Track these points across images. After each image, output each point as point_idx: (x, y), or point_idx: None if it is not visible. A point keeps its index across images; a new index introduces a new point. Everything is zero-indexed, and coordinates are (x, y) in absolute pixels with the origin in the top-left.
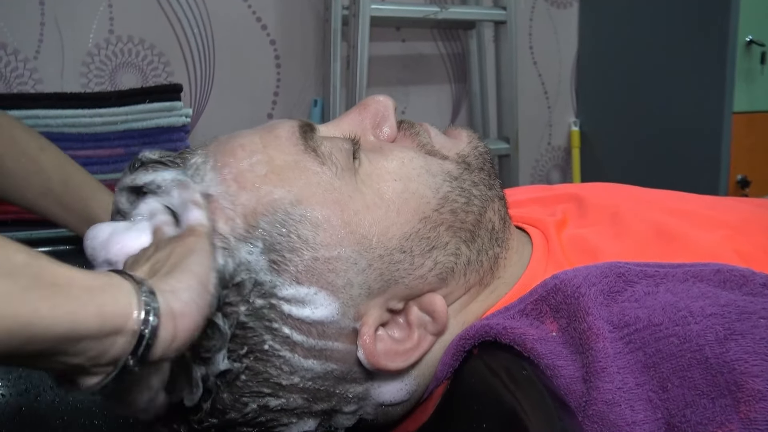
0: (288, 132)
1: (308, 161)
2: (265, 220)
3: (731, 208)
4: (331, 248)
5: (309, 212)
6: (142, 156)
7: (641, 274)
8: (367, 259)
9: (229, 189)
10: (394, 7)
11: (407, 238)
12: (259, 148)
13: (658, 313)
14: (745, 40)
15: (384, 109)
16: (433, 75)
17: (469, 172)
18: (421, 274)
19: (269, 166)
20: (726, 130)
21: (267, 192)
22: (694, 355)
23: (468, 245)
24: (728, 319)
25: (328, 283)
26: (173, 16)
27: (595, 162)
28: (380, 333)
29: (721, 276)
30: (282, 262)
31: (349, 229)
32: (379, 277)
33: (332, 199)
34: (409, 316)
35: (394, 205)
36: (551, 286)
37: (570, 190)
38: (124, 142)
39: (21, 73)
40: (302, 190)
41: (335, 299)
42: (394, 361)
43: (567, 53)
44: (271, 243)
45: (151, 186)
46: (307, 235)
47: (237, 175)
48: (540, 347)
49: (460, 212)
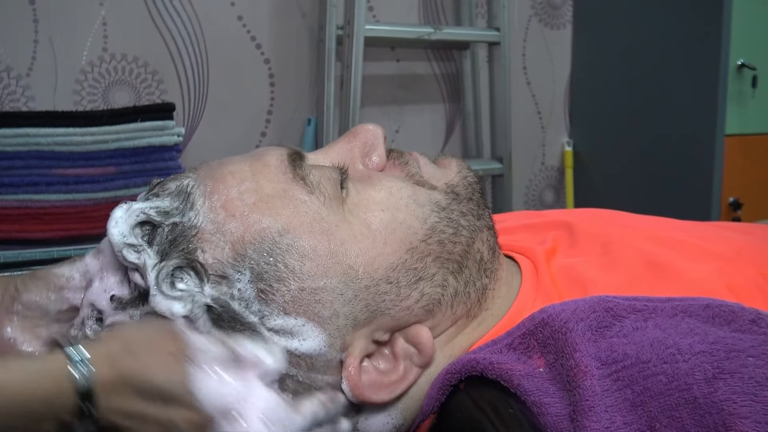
0: (277, 160)
1: (296, 190)
2: (252, 248)
3: (723, 238)
4: (318, 279)
5: (296, 241)
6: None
7: (630, 308)
8: (353, 289)
9: (217, 217)
10: (389, 27)
11: (394, 268)
12: (248, 176)
13: (647, 350)
14: (737, 64)
15: (373, 138)
16: (427, 95)
17: (457, 203)
18: (408, 305)
19: (258, 194)
20: (718, 152)
21: (255, 220)
22: (682, 394)
23: (455, 276)
24: (717, 357)
25: (314, 314)
26: (167, 34)
27: (588, 182)
28: (365, 365)
29: (711, 311)
30: (270, 292)
31: (335, 259)
32: (365, 308)
33: (319, 228)
34: (395, 348)
35: (380, 235)
36: (539, 320)
37: (560, 217)
38: (115, 160)
39: (13, 90)
40: (290, 220)
41: (322, 331)
42: (378, 393)
43: (560, 74)
44: (258, 272)
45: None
46: (294, 264)
47: (226, 202)
48: (527, 383)
49: (448, 243)
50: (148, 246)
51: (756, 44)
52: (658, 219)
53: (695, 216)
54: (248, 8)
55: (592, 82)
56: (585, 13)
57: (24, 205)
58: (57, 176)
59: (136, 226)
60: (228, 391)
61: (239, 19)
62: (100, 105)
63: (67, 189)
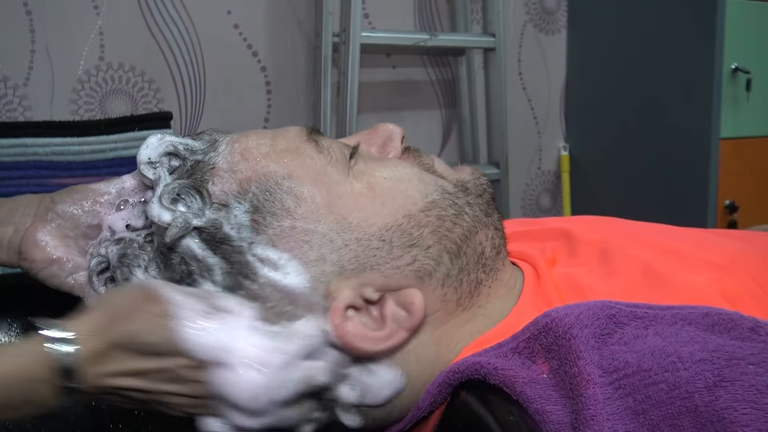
0: (296, 129)
1: (307, 148)
2: (255, 185)
3: (720, 246)
4: (310, 221)
5: (296, 187)
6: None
7: (631, 315)
8: (344, 239)
9: (233, 159)
10: (385, 34)
11: (388, 228)
12: (269, 135)
13: (647, 358)
14: (731, 68)
15: (391, 133)
16: (423, 101)
17: (465, 195)
18: (398, 265)
19: (272, 148)
20: (713, 155)
21: (264, 165)
22: (683, 402)
23: (451, 258)
24: (717, 365)
25: (301, 253)
26: (164, 42)
27: (584, 186)
28: (351, 314)
29: (710, 319)
30: (262, 223)
31: (330, 208)
32: (354, 258)
33: (321, 181)
34: (384, 309)
35: (380, 198)
36: (542, 324)
37: (558, 225)
38: (113, 170)
39: (10, 100)
40: (295, 169)
41: (306, 270)
42: (362, 342)
43: (556, 79)
44: (256, 205)
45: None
46: (290, 204)
47: (244, 150)
48: (529, 391)
49: (447, 221)
50: (168, 173)
51: (750, 48)
52: (655, 226)
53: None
54: (244, 16)
55: (588, 86)
56: (579, 18)
57: None
58: (55, 186)
59: (164, 154)
60: (213, 338)
61: (235, 28)
62: (97, 114)
63: None
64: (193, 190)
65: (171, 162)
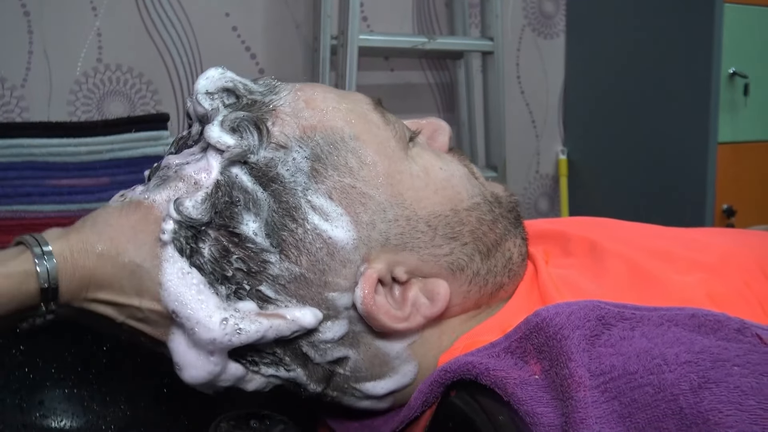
0: (362, 95)
1: (374, 116)
2: (321, 136)
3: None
4: (370, 187)
5: (361, 149)
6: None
7: (618, 316)
8: (395, 213)
9: (297, 105)
10: (383, 37)
11: (436, 216)
12: (334, 91)
13: (633, 361)
14: (728, 72)
15: (442, 128)
16: (421, 104)
17: (499, 207)
18: (437, 253)
19: (339, 104)
20: (711, 160)
21: (331, 118)
22: (668, 405)
23: (482, 259)
24: (702, 366)
25: (355, 212)
26: (162, 44)
27: (583, 190)
28: (379, 287)
29: (696, 320)
30: (323, 173)
31: (390, 180)
32: (400, 235)
33: (384, 151)
34: (407, 292)
35: (434, 184)
36: (533, 324)
37: (550, 227)
38: (110, 171)
39: (8, 101)
40: (362, 133)
41: (355, 229)
42: (381, 316)
43: (554, 83)
44: (318, 154)
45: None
46: (353, 164)
47: (309, 98)
48: (521, 393)
49: (485, 225)
50: (223, 106)
51: (747, 53)
52: (648, 227)
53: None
54: (243, 19)
55: (586, 90)
56: (578, 22)
57: (17, 216)
58: (51, 187)
59: (222, 90)
60: (189, 291)
61: (234, 30)
62: (94, 115)
63: (61, 200)
64: (252, 125)
65: (227, 98)
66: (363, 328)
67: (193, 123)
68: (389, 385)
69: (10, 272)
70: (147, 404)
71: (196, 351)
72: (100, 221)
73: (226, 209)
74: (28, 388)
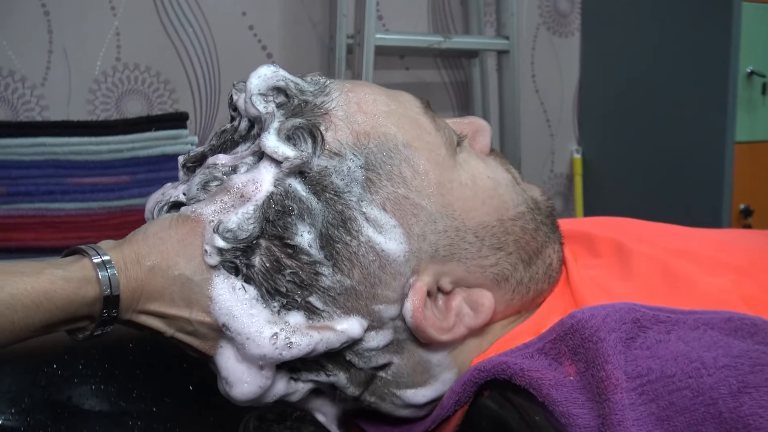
0: (411, 96)
1: (425, 121)
2: (374, 143)
3: (736, 247)
4: (422, 197)
5: (414, 158)
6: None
7: (654, 319)
8: (445, 224)
9: (349, 108)
10: (399, 36)
11: (484, 227)
12: (384, 93)
13: (671, 364)
14: (746, 71)
15: (483, 128)
16: (436, 103)
17: (539, 213)
18: (483, 264)
19: (390, 107)
20: (728, 159)
21: (383, 124)
22: (707, 409)
23: (525, 267)
24: (741, 371)
25: (408, 224)
26: (179, 44)
27: (597, 189)
28: (426, 299)
29: (732, 324)
30: (378, 183)
31: (441, 190)
32: (449, 246)
33: (435, 159)
34: (450, 302)
35: (482, 194)
36: (569, 326)
37: (575, 227)
38: (129, 169)
39: (28, 99)
40: (414, 140)
41: (407, 241)
42: (430, 328)
43: (569, 81)
44: (373, 163)
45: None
46: (407, 174)
47: (361, 101)
48: (555, 394)
49: (528, 234)
50: (276, 108)
51: (765, 52)
52: (672, 227)
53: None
54: (259, 18)
55: (601, 89)
56: (593, 21)
57: (40, 213)
58: (72, 185)
59: (274, 89)
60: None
61: (250, 29)
62: (113, 114)
63: (83, 198)
64: (306, 132)
65: (277, 98)
66: (407, 337)
67: (241, 119)
68: (430, 393)
69: (70, 276)
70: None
71: (246, 366)
72: (150, 234)
73: (279, 219)
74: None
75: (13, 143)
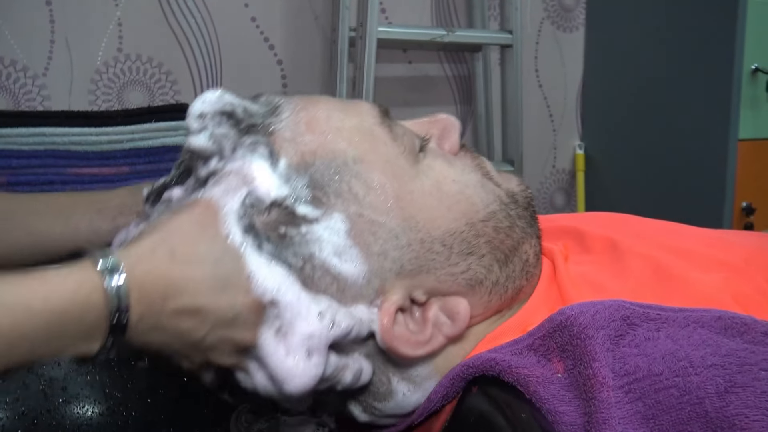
0: (369, 106)
1: (380, 132)
2: (321, 161)
3: (732, 245)
4: (378, 213)
5: (366, 173)
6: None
7: (643, 316)
8: (409, 238)
9: (298, 129)
10: (401, 29)
11: (451, 234)
12: (339, 107)
13: (658, 362)
14: (751, 68)
15: (452, 126)
16: (438, 97)
17: (515, 206)
18: (454, 272)
19: (343, 123)
20: (731, 157)
21: (332, 141)
22: (694, 408)
23: (500, 267)
24: (729, 370)
25: (365, 243)
26: (181, 35)
27: (599, 185)
28: (398, 316)
29: (723, 323)
30: (325, 202)
31: (400, 203)
32: (415, 260)
33: (392, 172)
34: (427, 313)
35: (447, 200)
36: (557, 322)
37: (570, 223)
38: (129, 160)
39: (29, 89)
40: (367, 153)
41: (366, 262)
42: (404, 346)
43: (572, 77)
44: (318, 181)
45: None
46: (358, 190)
47: (310, 120)
48: (543, 391)
49: (501, 233)
50: (222, 134)
51: None
52: (668, 225)
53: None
54: (261, 10)
55: (604, 85)
56: (597, 15)
57: None
58: (72, 175)
59: (219, 113)
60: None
61: (252, 21)
62: (114, 105)
63: (82, 188)
64: (262, 145)
65: (223, 122)
66: (381, 361)
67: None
68: (413, 400)
69: (77, 285)
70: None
71: (293, 356)
72: (159, 225)
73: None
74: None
75: (13, 133)
